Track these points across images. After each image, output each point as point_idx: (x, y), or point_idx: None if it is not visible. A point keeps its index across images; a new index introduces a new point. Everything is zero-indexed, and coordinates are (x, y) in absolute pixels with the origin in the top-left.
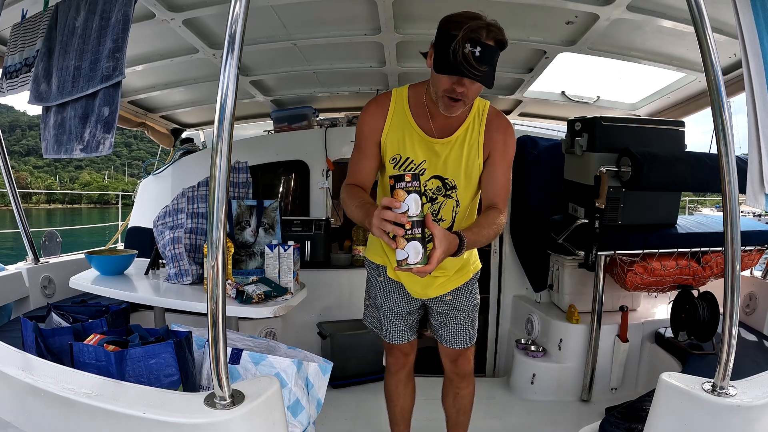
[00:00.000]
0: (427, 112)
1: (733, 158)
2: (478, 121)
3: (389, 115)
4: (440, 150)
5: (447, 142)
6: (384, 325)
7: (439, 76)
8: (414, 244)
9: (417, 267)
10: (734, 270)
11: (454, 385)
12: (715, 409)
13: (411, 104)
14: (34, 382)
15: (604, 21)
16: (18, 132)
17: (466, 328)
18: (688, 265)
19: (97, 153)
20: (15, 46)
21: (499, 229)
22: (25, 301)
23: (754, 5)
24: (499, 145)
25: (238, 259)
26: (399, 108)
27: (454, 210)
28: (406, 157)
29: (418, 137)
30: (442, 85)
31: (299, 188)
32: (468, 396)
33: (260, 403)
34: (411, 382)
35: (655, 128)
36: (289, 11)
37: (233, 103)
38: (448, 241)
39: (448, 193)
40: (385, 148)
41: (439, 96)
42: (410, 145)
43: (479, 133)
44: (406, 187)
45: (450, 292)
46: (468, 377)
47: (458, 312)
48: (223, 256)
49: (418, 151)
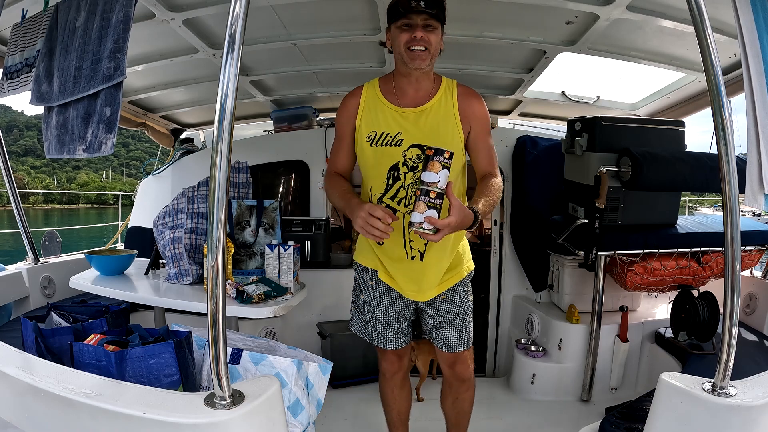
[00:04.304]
0: (394, 89)
1: (733, 158)
2: (449, 93)
3: (362, 101)
4: (414, 119)
5: (420, 111)
6: (376, 330)
7: (397, 35)
8: (432, 212)
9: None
10: (734, 270)
11: (453, 390)
12: (715, 409)
13: (381, 88)
14: (34, 382)
15: (604, 21)
16: (15, 132)
17: (461, 329)
18: (688, 265)
19: (99, 153)
20: (15, 46)
21: (500, 191)
22: (25, 301)
23: (754, 5)
24: (477, 115)
25: (238, 259)
26: (371, 93)
27: None
28: (381, 131)
29: (390, 111)
30: (401, 41)
31: (299, 188)
32: (468, 400)
33: (260, 403)
34: (407, 384)
35: (655, 128)
36: (289, 11)
37: (233, 103)
38: (464, 215)
39: None
40: (361, 130)
41: (403, 53)
42: (383, 120)
43: (453, 104)
44: (443, 161)
45: (444, 292)
46: (467, 382)
47: (452, 313)
48: (223, 256)
49: (392, 123)
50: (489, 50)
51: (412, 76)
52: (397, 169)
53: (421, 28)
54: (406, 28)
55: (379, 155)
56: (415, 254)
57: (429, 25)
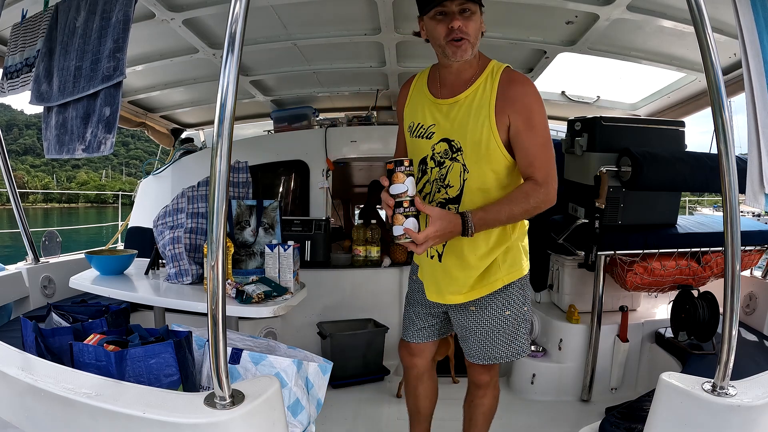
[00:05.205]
0: (437, 77)
1: (733, 158)
2: (490, 82)
3: (410, 91)
4: (447, 111)
5: (454, 102)
6: (404, 321)
7: (434, 26)
8: (411, 221)
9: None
10: (734, 270)
11: (471, 393)
12: (715, 409)
13: (429, 77)
14: (34, 382)
15: (604, 21)
16: (15, 131)
17: (494, 343)
18: (688, 265)
19: (99, 153)
20: (15, 46)
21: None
22: (25, 301)
23: (754, 5)
24: (516, 105)
25: (238, 259)
26: (418, 83)
27: (461, 176)
28: (417, 122)
29: (428, 102)
30: (440, 33)
31: (299, 188)
32: (483, 406)
33: (260, 403)
34: (425, 383)
35: (655, 128)
36: (289, 11)
37: (233, 103)
38: (448, 222)
39: (454, 155)
40: (405, 119)
41: (443, 46)
42: (421, 111)
43: (491, 95)
44: (405, 170)
45: (474, 302)
46: (484, 387)
47: (483, 324)
48: (223, 256)
49: (427, 114)
50: (489, 50)
51: (452, 66)
52: (425, 163)
53: (458, 15)
54: (441, 17)
55: (414, 147)
56: (433, 254)
57: (466, 9)
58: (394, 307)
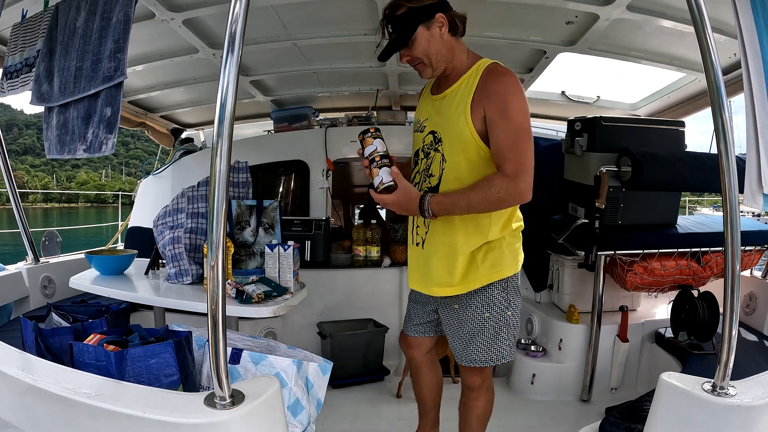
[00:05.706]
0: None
1: (733, 158)
2: (472, 78)
3: (423, 91)
4: (438, 105)
5: (442, 96)
6: (406, 314)
7: None
8: (385, 170)
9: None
10: (734, 270)
11: (464, 395)
12: (715, 409)
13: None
14: (34, 382)
15: (604, 21)
16: (15, 131)
17: (475, 345)
18: (688, 265)
19: (100, 153)
20: (15, 46)
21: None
22: (25, 301)
23: (754, 5)
24: (489, 95)
25: (238, 259)
26: (429, 83)
27: (440, 165)
28: (417, 118)
29: (426, 98)
30: None
31: (299, 188)
32: (476, 409)
33: (260, 403)
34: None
35: (655, 128)
36: (289, 11)
37: (233, 103)
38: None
39: (436, 146)
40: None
41: None
42: (422, 108)
43: (470, 89)
44: (371, 135)
45: (457, 300)
46: (476, 390)
47: (464, 325)
48: (223, 256)
49: (423, 110)
50: (489, 50)
51: None
52: (417, 155)
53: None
54: None
55: (413, 141)
56: (419, 240)
57: None
58: (394, 307)
